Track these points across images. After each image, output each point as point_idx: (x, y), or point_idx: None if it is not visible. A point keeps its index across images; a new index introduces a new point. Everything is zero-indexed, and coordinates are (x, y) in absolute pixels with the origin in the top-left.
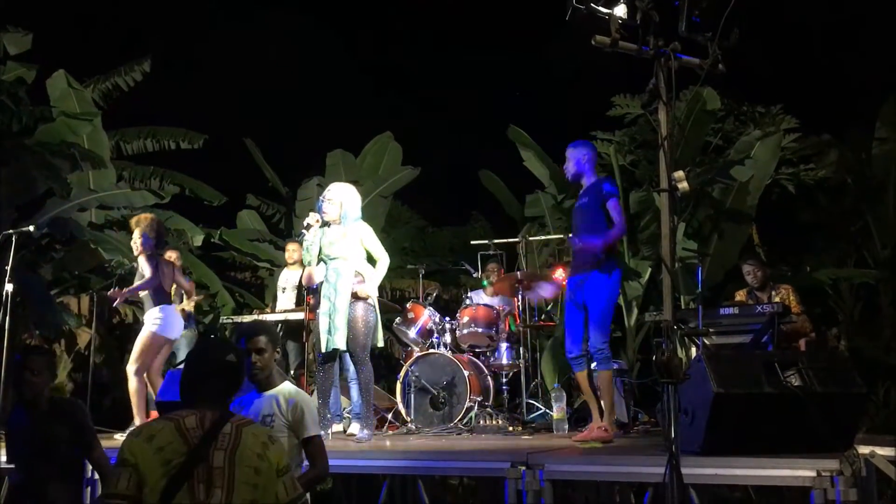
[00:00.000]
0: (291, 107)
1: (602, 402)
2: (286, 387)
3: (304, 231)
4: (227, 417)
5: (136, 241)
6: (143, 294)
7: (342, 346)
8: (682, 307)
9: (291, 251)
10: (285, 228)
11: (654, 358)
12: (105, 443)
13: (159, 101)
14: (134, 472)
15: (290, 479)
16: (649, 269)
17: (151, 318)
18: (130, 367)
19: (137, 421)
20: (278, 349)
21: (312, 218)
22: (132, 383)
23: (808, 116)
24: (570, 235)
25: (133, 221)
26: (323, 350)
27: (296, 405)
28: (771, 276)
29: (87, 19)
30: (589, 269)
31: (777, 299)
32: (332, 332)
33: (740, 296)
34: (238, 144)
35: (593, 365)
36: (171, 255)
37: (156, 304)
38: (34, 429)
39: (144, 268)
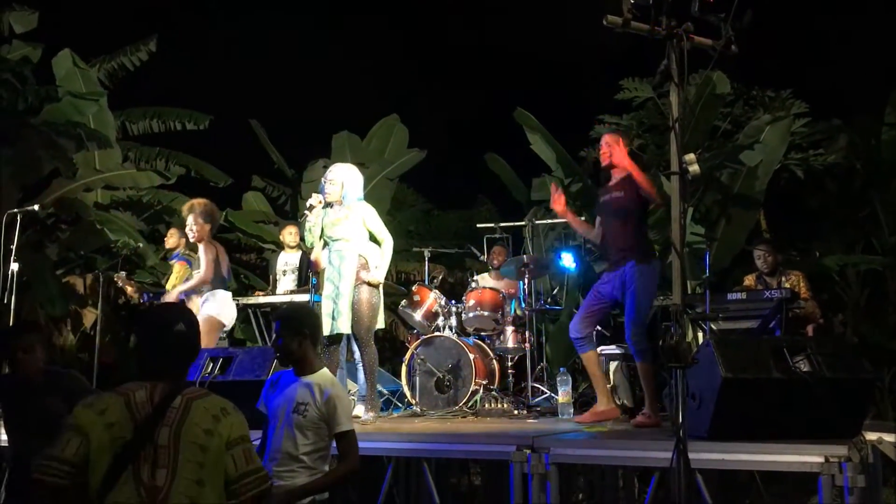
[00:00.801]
0: (297, 88)
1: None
2: (324, 375)
3: (306, 212)
4: (177, 391)
5: (193, 228)
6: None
7: (346, 329)
8: (690, 292)
9: (290, 234)
10: (291, 210)
11: (661, 343)
12: None
13: (165, 81)
14: (85, 441)
15: (243, 451)
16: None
17: (207, 302)
18: None
19: None
20: (304, 333)
21: (315, 199)
22: None
23: (817, 101)
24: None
25: (186, 207)
26: (326, 334)
27: (330, 398)
28: (781, 261)
29: None
30: (626, 260)
31: (787, 285)
32: (336, 316)
33: (749, 281)
34: (244, 125)
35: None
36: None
37: (213, 288)
38: (29, 404)
39: (202, 258)
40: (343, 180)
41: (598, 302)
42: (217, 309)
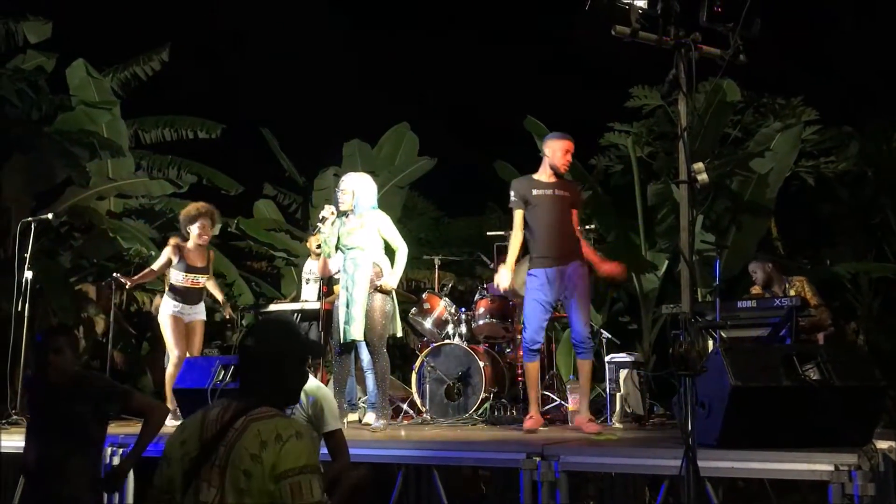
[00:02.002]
0: (308, 96)
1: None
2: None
3: (319, 224)
4: (246, 410)
5: (209, 233)
6: (202, 287)
7: (359, 336)
8: (700, 300)
9: (312, 243)
10: (302, 218)
11: (670, 350)
12: (123, 430)
13: (177, 90)
14: (165, 463)
15: (301, 484)
16: (666, 262)
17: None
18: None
19: None
20: None
21: (327, 210)
22: None
23: (828, 108)
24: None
25: (210, 210)
26: (340, 340)
27: (316, 401)
28: (785, 269)
29: (106, 8)
30: (571, 259)
31: (792, 293)
32: (350, 323)
33: (756, 290)
34: (255, 134)
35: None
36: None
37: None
38: (56, 406)
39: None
40: (354, 189)
41: (547, 311)
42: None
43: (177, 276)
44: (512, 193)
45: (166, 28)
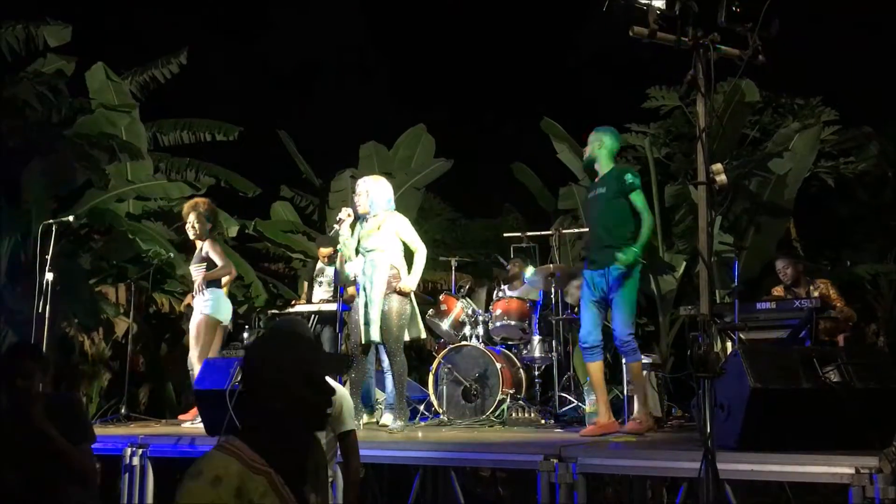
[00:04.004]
0: (325, 98)
1: (636, 395)
2: None
3: (335, 226)
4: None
5: (195, 226)
6: (197, 278)
7: (377, 337)
8: (718, 301)
9: (325, 255)
10: (318, 220)
11: (688, 352)
12: (144, 430)
13: (195, 93)
14: None
15: None
16: (684, 263)
17: (205, 301)
18: (192, 354)
19: None
20: None
21: (344, 212)
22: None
23: (848, 108)
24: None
25: (189, 205)
26: (362, 341)
27: (334, 400)
28: (808, 270)
29: (125, 12)
30: (612, 262)
31: (816, 294)
32: (369, 324)
33: (777, 292)
34: (272, 136)
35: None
36: None
37: (207, 286)
38: (31, 431)
39: (211, 253)
40: (368, 190)
41: (599, 308)
42: (215, 307)
43: None
44: None
45: (184, 31)
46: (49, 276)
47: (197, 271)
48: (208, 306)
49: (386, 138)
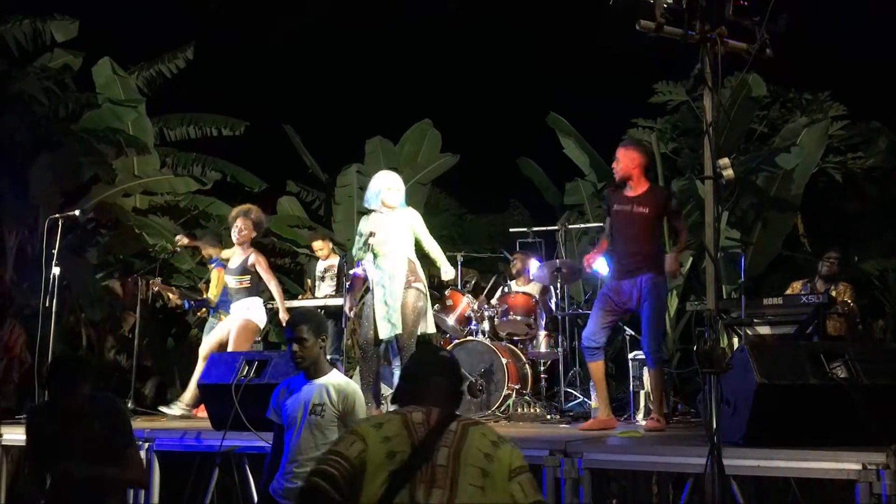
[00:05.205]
0: (331, 93)
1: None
2: (336, 377)
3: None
4: (453, 416)
5: (243, 231)
6: (238, 286)
7: (400, 331)
8: (725, 297)
9: (319, 249)
10: (325, 215)
11: (695, 348)
12: (150, 424)
13: (202, 88)
14: (364, 447)
15: (529, 480)
16: (690, 259)
17: (246, 308)
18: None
19: None
20: (324, 337)
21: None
22: None
23: (856, 103)
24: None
25: (242, 209)
26: (383, 337)
27: (347, 396)
28: (840, 273)
29: (132, 7)
30: (643, 272)
31: (833, 294)
32: (393, 320)
33: (795, 287)
34: (278, 131)
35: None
36: None
37: (255, 293)
38: (71, 430)
39: (262, 268)
40: (367, 187)
41: (614, 312)
42: (255, 313)
43: None
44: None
45: (191, 26)
46: (56, 270)
47: (239, 282)
48: (249, 311)
49: (392, 133)
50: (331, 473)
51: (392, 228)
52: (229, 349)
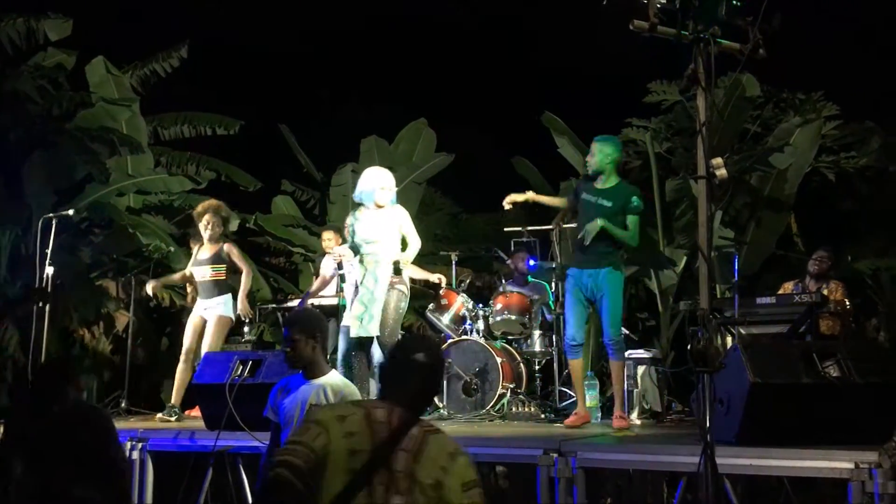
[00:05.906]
0: (326, 92)
1: (615, 390)
2: (334, 378)
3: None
4: (415, 419)
5: (214, 227)
6: (214, 278)
7: (377, 332)
8: (718, 296)
9: (327, 239)
10: (319, 214)
11: (688, 347)
12: (143, 424)
13: (196, 87)
14: (326, 437)
15: (479, 494)
16: (684, 258)
17: (221, 304)
18: (204, 351)
19: None
20: (318, 336)
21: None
22: None
23: (849, 103)
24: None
25: (206, 206)
26: (353, 335)
27: (344, 397)
28: (831, 270)
29: (126, 6)
30: (602, 264)
31: (825, 292)
32: (367, 321)
33: (787, 287)
34: (273, 130)
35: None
36: None
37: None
38: (54, 434)
39: (236, 256)
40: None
41: (584, 305)
42: (230, 310)
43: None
44: None
45: (185, 25)
46: (49, 269)
47: (212, 272)
48: (224, 307)
49: (387, 132)
50: (296, 464)
51: (381, 227)
52: (206, 347)
